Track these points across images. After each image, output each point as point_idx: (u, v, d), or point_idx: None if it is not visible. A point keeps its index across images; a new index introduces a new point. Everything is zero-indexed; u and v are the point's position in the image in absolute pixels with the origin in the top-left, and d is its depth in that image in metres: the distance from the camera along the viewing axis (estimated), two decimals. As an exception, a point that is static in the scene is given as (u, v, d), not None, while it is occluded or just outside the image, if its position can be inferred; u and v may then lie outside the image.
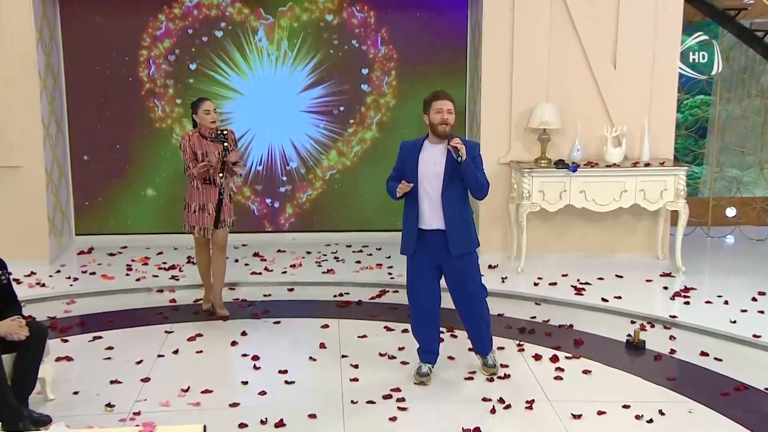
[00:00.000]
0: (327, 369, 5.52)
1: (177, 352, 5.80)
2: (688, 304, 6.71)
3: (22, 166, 7.60)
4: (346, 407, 4.92)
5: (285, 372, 5.43)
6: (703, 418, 4.79)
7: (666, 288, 7.11)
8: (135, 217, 8.64)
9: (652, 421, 4.72)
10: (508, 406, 4.91)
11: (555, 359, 5.62)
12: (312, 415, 4.79)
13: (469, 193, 5.15)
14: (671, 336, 6.08)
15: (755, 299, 6.77)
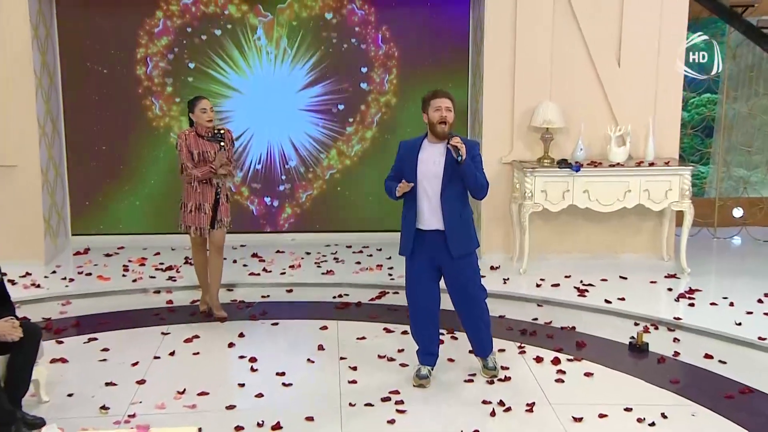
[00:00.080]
0: (325, 371, 5.53)
1: (173, 353, 5.82)
2: (692, 305, 6.71)
3: (17, 166, 7.61)
4: (344, 410, 4.94)
5: (282, 374, 5.44)
6: (707, 422, 4.80)
7: (670, 289, 7.11)
8: (132, 217, 8.66)
9: (654, 424, 4.73)
10: (509, 409, 4.92)
11: (556, 361, 5.63)
12: (309, 418, 4.80)
13: (469, 193, 5.16)
14: (675, 338, 6.09)
15: (761, 301, 6.78)
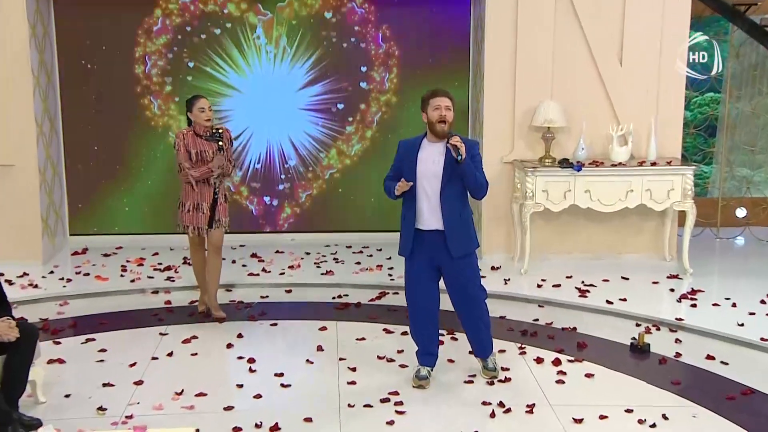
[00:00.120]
0: (324, 372, 5.54)
1: (171, 354, 5.82)
2: (695, 306, 6.71)
3: (15, 165, 7.63)
4: (343, 411, 4.94)
5: (281, 375, 5.45)
6: (708, 423, 4.80)
7: (672, 290, 7.11)
8: (130, 216, 8.67)
9: (655, 425, 4.73)
10: (508, 410, 4.93)
11: (557, 362, 5.63)
12: (308, 419, 4.81)
13: (468, 193, 5.17)
14: (677, 339, 6.09)
15: (764, 302, 6.78)
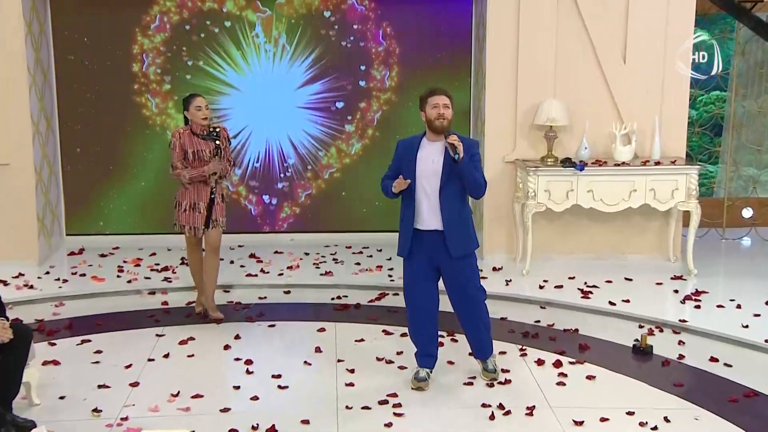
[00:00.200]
0: (322, 373, 5.56)
1: (168, 355, 5.85)
2: (698, 308, 6.72)
3: (11, 164, 7.65)
4: (341, 413, 4.96)
5: (278, 377, 5.47)
6: (710, 425, 4.81)
7: (676, 291, 7.12)
8: (128, 216, 8.70)
9: (656, 428, 4.73)
10: (508, 413, 4.94)
11: (558, 364, 5.65)
12: (305, 421, 4.83)
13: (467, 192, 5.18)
14: (680, 341, 6.10)
15: (769, 303, 6.80)
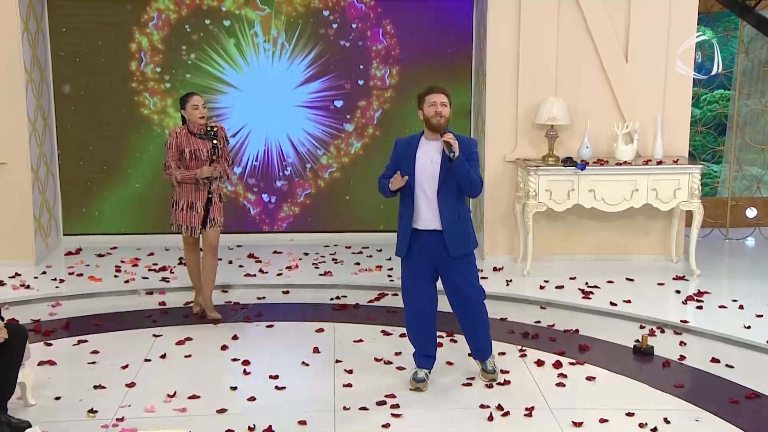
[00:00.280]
0: (320, 374, 5.58)
1: (165, 356, 5.87)
2: (700, 308, 6.73)
3: (7, 163, 7.69)
4: (338, 414, 4.98)
5: (276, 377, 5.49)
6: (710, 427, 4.82)
7: (678, 292, 7.13)
8: (126, 216, 8.73)
9: (656, 429, 4.75)
10: (507, 413, 4.96)
11: (558, 365, 5.66)
12: (302, 422, 4.85)
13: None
14: (681, 342, 6.12)
15: (772, 304, 6.82)
